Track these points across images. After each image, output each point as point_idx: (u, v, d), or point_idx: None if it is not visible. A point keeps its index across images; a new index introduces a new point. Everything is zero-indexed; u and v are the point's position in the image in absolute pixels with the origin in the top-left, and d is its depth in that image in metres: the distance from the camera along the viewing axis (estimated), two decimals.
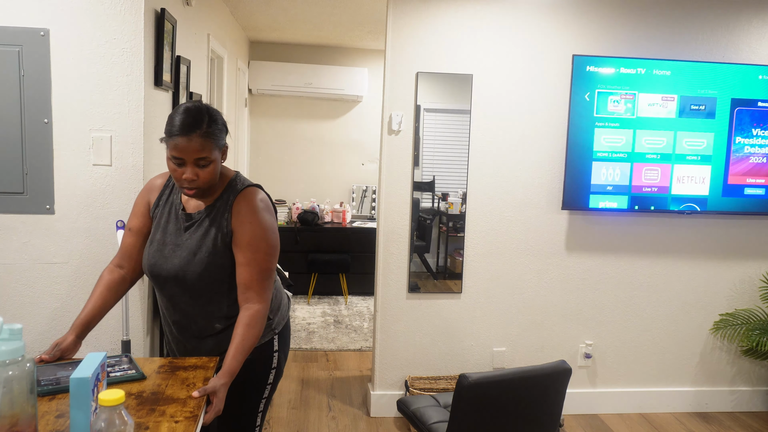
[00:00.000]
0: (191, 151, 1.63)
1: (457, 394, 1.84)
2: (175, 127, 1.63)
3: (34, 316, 2.38)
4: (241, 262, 1.71)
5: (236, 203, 1.75)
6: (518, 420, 1.92)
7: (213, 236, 1.73)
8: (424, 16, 3.21)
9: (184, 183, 1.67)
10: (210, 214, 1.75)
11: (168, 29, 2.58)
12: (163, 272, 1.75)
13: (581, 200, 3.30)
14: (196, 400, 1.55)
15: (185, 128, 1.63)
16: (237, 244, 1.72)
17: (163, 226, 1.79)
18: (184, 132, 1.62)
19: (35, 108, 2.29)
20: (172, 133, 1.64)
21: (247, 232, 1.72)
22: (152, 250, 1.78)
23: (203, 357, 1.85)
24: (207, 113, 1.67)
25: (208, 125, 1.65)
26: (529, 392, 1.85)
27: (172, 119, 1.66)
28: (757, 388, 3.68)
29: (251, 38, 5.94)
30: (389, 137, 3.27)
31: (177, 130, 1.63)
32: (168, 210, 1.80)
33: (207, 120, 1.65)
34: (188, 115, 1.64)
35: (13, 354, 1.19)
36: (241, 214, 1.73)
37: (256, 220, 1.73)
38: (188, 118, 1.64)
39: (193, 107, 1.67)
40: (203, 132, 1.64)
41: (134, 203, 1.86)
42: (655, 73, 3.26)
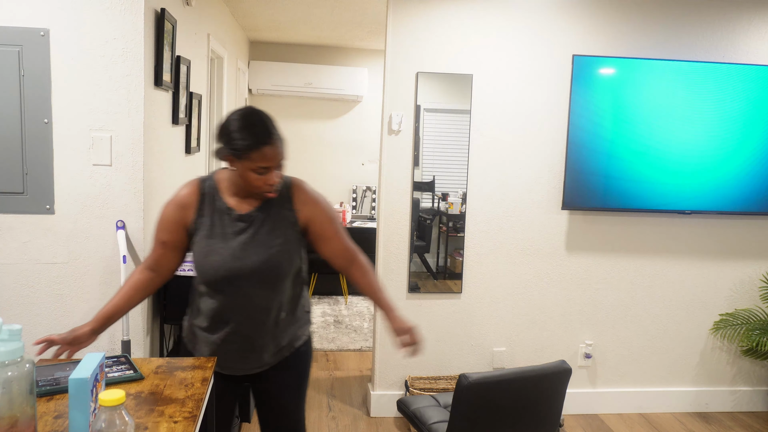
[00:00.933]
0: (277, 156, 1.70)
1: (457, 394, 1.85)
2: (258, 138, 1.67)
3: (34, 316, 2.38)
4: (328, 235, 1.86)
5: (296, 193, 1.84)
6: (518, 420, 1.92)
7: (283, 227, 1.81)
8: (424, 16, 3.21)
9: (268, 188, 1.73)
10: (270, 209, 1.80)
11: (168, 29, 2.58)
12: (244, 271, 1.77)
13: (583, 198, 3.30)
14: (194, 400, 1.55)
15: (269, 137, 1.68)
16: (318, 223, 1.84)
17: (219, 233, 1.78)
18: (270, 140, 1.67)
19: (35, 108, 2.29)
20: (259, 144, 1.66)
21: (321, 210, 1.85)
22: (221, 257, 1.76)
23: (201, 357, 1.85)
24: (270, 117, 1.72)
25: (277, 128, 1.72)
26: (529, 392, 1.85)
27: (249, 131, 1.67)
28: (757, 388, 3.68)
29: (251, 38, 5.94)
30: (389, 137, 3.27)
31: (263, 141, 1.67)
32: (218, 217, 1.79)
33: (275, 124, 1.72)
34: (262, 124, 1.69)
35: (12, 355, 1.19)
36: (307, 199, 1.84)
37: (319, 197, 1.87)
38: (264, 127, 1.68)
39: (255, 115, 1.71)
40: (280, 137, 1.71)
41: (161, 218, 1.81)
42: (655, 73, 3.26)
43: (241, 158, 1.68)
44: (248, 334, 1.83)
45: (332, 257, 1.89)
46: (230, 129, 1.70)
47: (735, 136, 3.34)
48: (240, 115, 1.71)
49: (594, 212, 3.42)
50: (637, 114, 3.29)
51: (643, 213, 3.44)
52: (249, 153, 1.66)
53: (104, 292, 2.39)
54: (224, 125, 1.72)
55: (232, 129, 1.69)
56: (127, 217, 2.37)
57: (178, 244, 1.82)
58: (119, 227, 2.36)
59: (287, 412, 1.96)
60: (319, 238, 1.86)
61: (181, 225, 1.80)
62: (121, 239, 2.33)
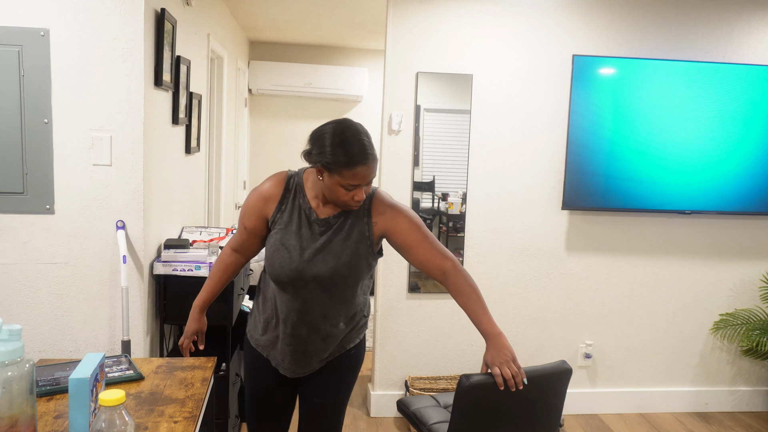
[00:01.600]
0: (368, 175, 1.69)
1: (457, 395, 1.84)
2: (353, 157, 1.65)
3: (34, 316, 2.38)
4: (410, 244, 1.81)
5: (375, 204, 1.82)
6: (519, 420, 1.92)
7: (356, 240, 1.80)
8: (424, 16, 3.21)
9: (354, 203, 1.72)
10: (348, 219, 1.80)
11: (168, 29, 2.58)
12: (308, 275, 1.78)
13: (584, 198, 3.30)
14: (194, 400, 1.55)
15: (364, 157, 1.66)
16: (398, 233, 1.81)
17: (295, 231, 1.79)
18: (365, 161, 1.66)
19: (35, 108, 2.29)
20: (353, 164, 1.65)
21: (400, 219, 1.81)
22: (290, 256, 1.78)
23: (201, 357, 1.85)
24: (368, 134, 1.71)
25: (373, 146, 1.70)
26: (529, 393, 1.84)
27: (344, 149, 1.65)
28: (757, 388, 3.68)
29: (251, 38, 5.94)
30: (389, 137, 3.27)
31: (358, 160, 1.65)
32: (297, 216, 1.80)
33: (371, 141, 1.71)
34: (359, 143, 1.67)
35: (12, 355, 1.19)
36: (385, 210, 1.82)
37: (399, 207, 1.84)
38: (361, 146, 1.67)
39: (353, 131, 1.69)
40: (375, 156, 1.70)
41: (246, 207, 1.85)
42: (655, 73, 3.26)
43: (332, 172, 1.67)
44: (304, 338, 1.84)
45: (420, 266, 1.84)
46: (325, 141, 1.67)
47: (735, 136, 3.34)
48: (338, 129, 1.69)
49: (594, 212, 3.42)
50: (637, 114, 3.28)
51: (643, 213, 3.44)
52: (341, 170, 1.65)
53: (104, 292, 2.39)
54: (320, 135, 1.70)
55: (327, 142, 1.67)
56: (127, 217, 2.37)
57: (258, 232, 1.86)
58: (119, 227, 2.36)
59: (327, 413, 1.96)
60: (402, 248, 1.84)
61: (262, 215, 1.83)
62: (121, 239, 2.33)
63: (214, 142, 4.17)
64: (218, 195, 4.28)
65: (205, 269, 2.50)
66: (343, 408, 2.00)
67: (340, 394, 1.96)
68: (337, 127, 1.70)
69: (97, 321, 2.41)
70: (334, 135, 1.67)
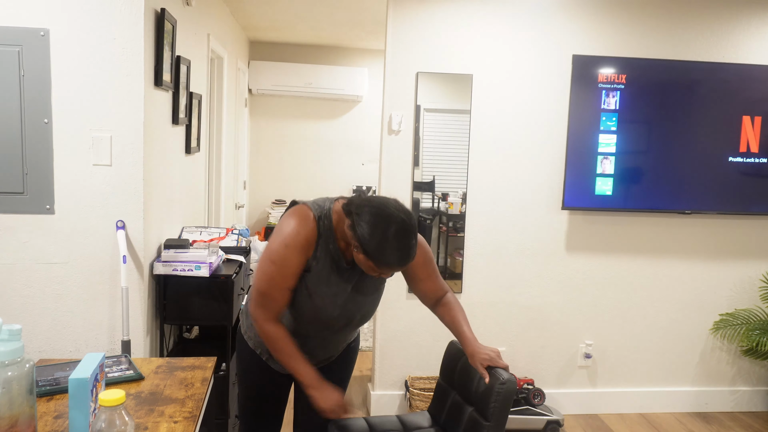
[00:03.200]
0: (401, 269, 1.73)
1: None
2: (395, 261, 1.63)
3: (34, 316, 2.38)
4: (422, 278, 1.91)
5: None
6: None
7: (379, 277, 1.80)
8: (424, 16, 3.21)
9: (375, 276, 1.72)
10: None
11: (168, 29, 2.58)
12: (341, 322, 1.81)
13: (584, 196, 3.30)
14: (194, 400, 1.55)
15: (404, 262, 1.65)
16: (414, 268, 1.85)
17: (326, 279, 1.74)
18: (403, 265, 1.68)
19: (35, 108, 2.29)
20: (392, 266, 1.64)
21: (420, 254, 1.79)
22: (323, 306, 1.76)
23: (201, 357, 1.85)
24: (416, 237, 1.66)
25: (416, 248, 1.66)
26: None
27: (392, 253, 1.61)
28: (757, 388, 3.68)
29: (251, 38, 5.94)
30: (389, 137, 3.27)
31: (398, 264, 1.64)
32: (329, 262, 1.74)
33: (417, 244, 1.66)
34: (406, 249, 1.63)
35: (12, 355, 1.19)
36: None
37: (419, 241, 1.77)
38: (406, 252, 1.63)
39: (407, 237, 1.62)
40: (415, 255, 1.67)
41: (286, 263, 1.69)
42: (655, 72, 3.26)
43: (368, 257, 1.62)
44: (321, 357, 1.91)
45: (423, 296, 1.97)
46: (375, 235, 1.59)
47: (734, 135, 3.33)
48: (395, 233, 1.60)
49: (594, 212, 3.42)
50: (636, 114, 3.28)
51: (643, 213, 3.44)
52: (379, 264, 1.63)
53: (104, 292, 2.39)
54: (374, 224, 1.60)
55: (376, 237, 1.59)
56: (127, 217, 2.37)
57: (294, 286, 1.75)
58: (119, 227, 2.36)
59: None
60: (412, 279, 1.92)
61: (303, 267, 1.73)
62: (121, 239, 2.33)
63: (214, 142, 4.17)
64: (218, 195, 4.28)
65: (205, 269, 2.49)
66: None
67: (339, 385, 1.98)
68: (398, 231, 1.60)
69: (97, 321, 2.41)
70: (392, 238, 1.60)
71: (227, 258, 2.81)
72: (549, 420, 3.22)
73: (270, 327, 1.75)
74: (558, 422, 3.23)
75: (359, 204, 1.65)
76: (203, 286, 2.53)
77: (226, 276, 2.56)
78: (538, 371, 3.52)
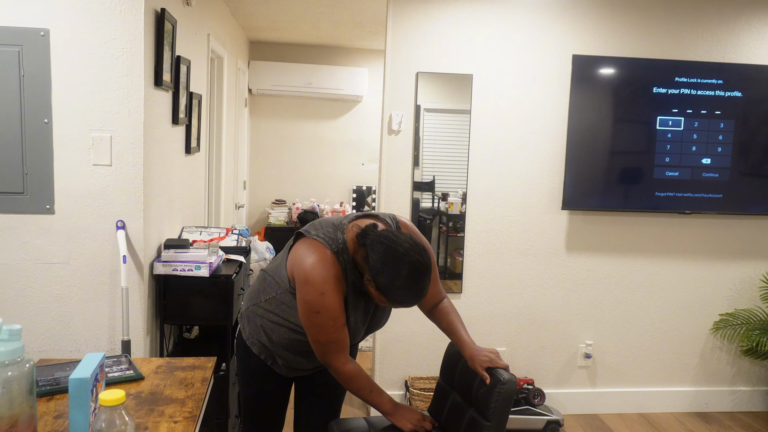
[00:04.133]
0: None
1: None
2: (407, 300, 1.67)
3: (34, 316, 2.38)
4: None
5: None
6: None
7: None
8: (424, 16, 3.21)
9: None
10: None
11: (168, 29, 2.58)
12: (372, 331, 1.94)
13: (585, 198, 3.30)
14: (194, 400, 1.55)
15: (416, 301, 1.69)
16: None
17: (353, 308, 1.79)
18: (413, 304, 1.71)
19: (35, 108, 2.29)
20: (404, 304, 1.69)
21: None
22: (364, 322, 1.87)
23: (201, 357, 1.85)
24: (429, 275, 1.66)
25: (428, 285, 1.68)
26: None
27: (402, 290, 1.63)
28: (757, 388, 3.68)
29: (251, 38, 5.94)
30: (389, 137, 3.27)
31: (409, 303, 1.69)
32: (354, 288, 1.78)
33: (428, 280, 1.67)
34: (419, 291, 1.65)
35: (12, 355, 1.19)
36: None
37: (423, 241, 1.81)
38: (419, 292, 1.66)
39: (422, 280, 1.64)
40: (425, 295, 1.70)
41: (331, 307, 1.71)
42: (654, 72, 3.26)
43: (381, 293, 1.67)
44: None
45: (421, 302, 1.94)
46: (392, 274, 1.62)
47: (735, 135, 3.33)
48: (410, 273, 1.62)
49: (594, 212, 3.42)
50: (636, 114, 3.28)
51: (643, 213, 3.44)
52: (392, 300, 1.68)
53: (104, 292, 2.39)
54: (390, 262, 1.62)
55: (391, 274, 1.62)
56: (127, 217, 2.37)
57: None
58: (119, 227, 2.36)
59: (329, 401, 2.03)
60: None
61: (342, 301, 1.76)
62: (121, 239, 2.33)
63: (214, 142, 4.17)
64: (218, 195, 4.28)
65: (205, 269, 2.49)
66: (341, 400, 2.08)
67: (339, 386, 2.02)
68: (413, 271, 1.62)
69: (97, 321, 2.41)
70: (407, 279, 1.62)
71: (227, 258, 2.81)
72: (549, 420, 3.22)
73: (348, 368, 1.79)
74: (558, 422, 3.23)
75: (373, 239, 1.67)
76: (203, 286, 2.53)
77: (226, 276, 2.56)
78: (538, 371, 3.52)
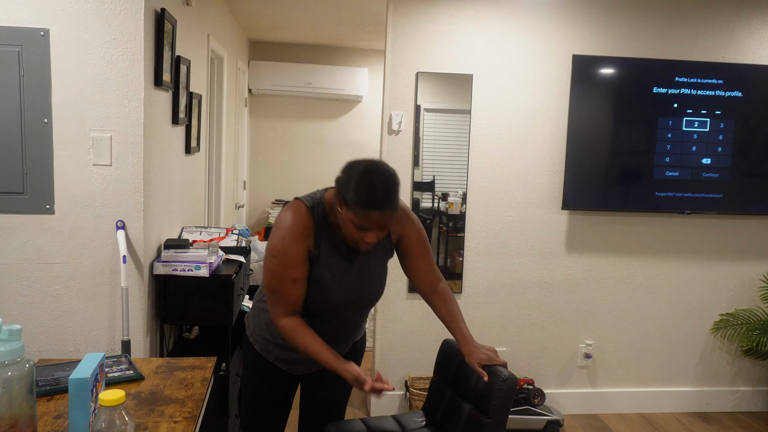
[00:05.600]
0: (381, 222, 1.64)
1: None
2: (370, 201, 1.61)
3: (34, 316, 2.38)
4: (417, 255, 1.90)
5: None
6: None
7: (381, 255, 1.86)
8: (424, 16, 3.21)
9: (363, 245, 1.70)
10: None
11: (168, 29, 2.58)
12: (346, 304, 1.82)
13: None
14: (194, 400, 1.55)
15: (381, 203, 1.61)
16: (408, 243, 1.88)
17: (326, 264, 1.76)
18: (380, 207, 1.61)
19: (35, 108, 2.29)
20: (368, 207, 1.61)
21: (414, 229, 1.89)
22: (325, 290, 1.75)
23: (201, 357, 1.85)
24: (395, 183, 1.65)
25: (396, 196, 1.66)
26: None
27: (365, 189, 1.62)
28: (757, 388, 3.68)
29: (251, 38, 5.94)
30: (389, 137, 3.27)
31: (374, 205, 1.61)
32: (328, 249, 1.75)
33: (396, 191, 1.65)
34: (382, 188, 1.62)
35: (12, 355, 1.19)
36: (401, 219, 1.85)
37: (413, 217, 1.91)
38: (383, 191, 1.62)
39: (380, 175, 1.64)
40: (394, 206, 1.65)
41: (285, 252, 1.70)
42: (654, 72, 3.26)
43: (348, 208, 1.64)
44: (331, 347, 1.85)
45: (416, 277, 1.93)
46: (352, 177, 1.64)
47: (735, 135, 3.33)
48: (368, 169, 1.65)
49: (594, 212, 3.42)
50: (636, 114, 3.28)
51: (644, 213, 3.44)
52: (356, 208, 1.62)
53: (104, 292, 2.39)
54: (351, 169, 1.66)
55: (354, 178, 1.63)
56: (127, 217, 2.37)
57: (306, 275, 1.74)
58: (119, 227, 2.36)
59: (332, 405, 2.00)
60: (406, 256, 1.90)
61: (306, 255, 1.73)
62: (121, 239, 2.33)
63: (214, 142, 4.17)
64: (218, 195, 4.28)
65: (205, 269, 2.49)
66: (346, 400, 2.05)
67: (345, 387, 1.98)
68: (368, 167, 1.65)
69: (97, 321, 2.41)
70: (363, 174, 1.64)
71: (227, 258, 2.81)
72: (549, 420, 3.22)
73: (284, 321, 1.74)
74: (558, 422, 3.23)
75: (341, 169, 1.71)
76: (203, 286, 2.53)
77: (226, 276, 2.56)
78: (538, 371, 3.52)
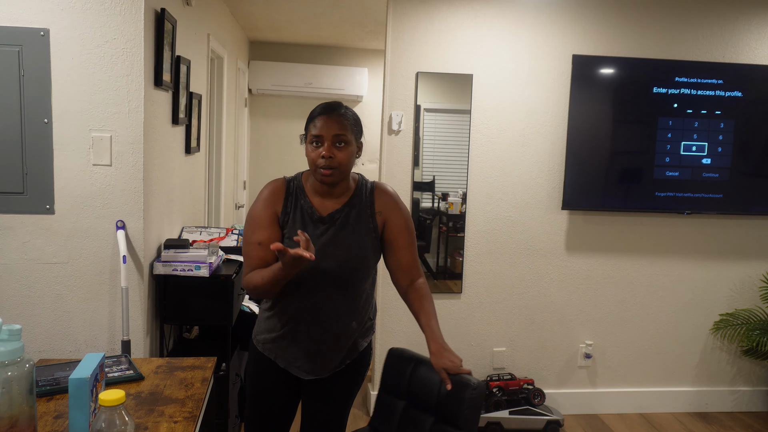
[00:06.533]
0: (330, 128, 1.74)
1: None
2: (316, 110, 1.78)
3: (34, 316, 2.37)
4: (401, 245, 1.87)
5: (378, 196, 1.87)
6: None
7: (362, 233, 1.83)
8: (424, 16, 3.21)
9: (321, 162, 1.73)
10: (351, 212, 1.83)
11: (168, 29, 2.58)
12: (318, 274, 1.76)
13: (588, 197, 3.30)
14: (194, 400, 1.55)
15: (325, 110, 1.77)
16: (394, 231, 1.87)
17: (299, 227, 1.78)
18: (325, 112, 1.76)
19: (35, 108, 2.29)
20: (314, 115, 1.78)
21: (401, 217, 1.87)
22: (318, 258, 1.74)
23: (201, 357, 1.85)
24: (343, 105, 1.82)
25: (345, 110, 1.80)
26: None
27: (313, 109, 1.80)
28: (757, 388, 3.68)
29: (251, 38, 5.94)
30: (389, 137, 3.27)
31: (318, 112, 1.78)
32: (300, 215, 1.81)
33: (344, 107, 1.81)
34: (328, 103, 1.80)
35: (12, 355, 1.19)
36: (388, 204, 1.87)
37: (402, 205, 1.90)
38: (328, 104, 1.79)
39: (338, 102, 1.82)
40: (340, 113, 1.78)
41: (254, 216, 1.79)
42: (654, 72, 3.26)
43: (306, 131, 1.79)
44: (316, 338, 1.83)
45: (398, 269, 1.89)
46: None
47: (735, 135, 3.33)
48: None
49: (594, 212, 3.42)
50: (636, 114, 3.29)
51: (643, 213, 3.44)
52: (308, 124, 1.78)
53: (104, 292, 2.39)
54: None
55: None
56: (127, 217, 2.37)
57: (271, 239, 1.75)
58: (119, 227, 2.36)
59: (330, 418, 1.94)
60: (391, 245, 1.87)
61: (275, 220, 1.80)
62: (121, 239, 2.33)
63: (214, 142, 4.17)
64: (218, 195, 4.28)
65: (205, 269, 2.50)
66: (346, 414, 1.98)
67: (345, 400, 1.95)
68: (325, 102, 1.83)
69: (97, 321, 2.41)
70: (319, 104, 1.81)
71: (227, 258, 2.81)
72: (549, 420, 3.22)
73: (248, 278, 1.76)
74: (558, 422, 3.23)
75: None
76: (203, 286, 2.53)
77: (226, 276, 2.56)
78: (538, 371, 3.52)
